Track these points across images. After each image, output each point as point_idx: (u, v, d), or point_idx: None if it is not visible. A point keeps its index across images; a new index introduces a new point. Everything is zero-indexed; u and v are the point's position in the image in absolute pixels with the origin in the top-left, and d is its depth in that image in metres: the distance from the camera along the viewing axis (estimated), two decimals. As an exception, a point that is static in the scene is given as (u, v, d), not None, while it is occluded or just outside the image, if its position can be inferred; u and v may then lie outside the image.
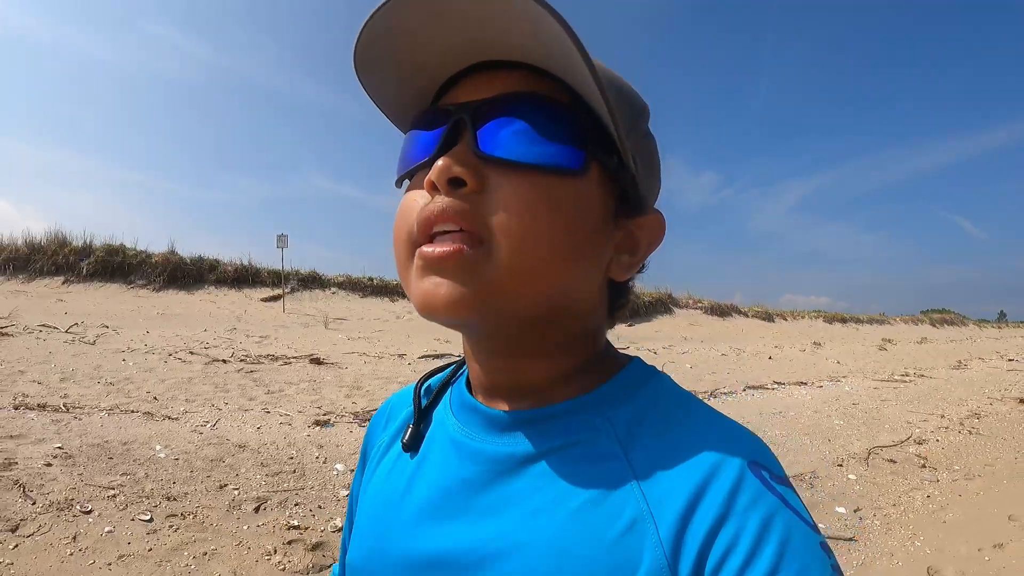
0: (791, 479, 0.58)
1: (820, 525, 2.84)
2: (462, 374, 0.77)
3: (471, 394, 0.71)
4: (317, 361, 9.86)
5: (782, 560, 0.47)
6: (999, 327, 42.98)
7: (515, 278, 0.56)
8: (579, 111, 0.59)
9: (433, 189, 0.57)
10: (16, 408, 5.84)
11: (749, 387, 10.29)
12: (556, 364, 0.65)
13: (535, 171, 0.57)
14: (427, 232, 0.58)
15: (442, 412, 0.74)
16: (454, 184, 0.56)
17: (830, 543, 2.47)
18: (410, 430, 0.74)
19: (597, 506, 0.56)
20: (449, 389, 0.78)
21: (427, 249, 0.57)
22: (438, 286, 0.56)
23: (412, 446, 0.72)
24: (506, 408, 0.66)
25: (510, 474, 0.61)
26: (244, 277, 18.87)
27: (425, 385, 0.82)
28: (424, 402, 0.78)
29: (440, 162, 0.56)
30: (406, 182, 0.65)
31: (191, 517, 3.84)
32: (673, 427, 0.60)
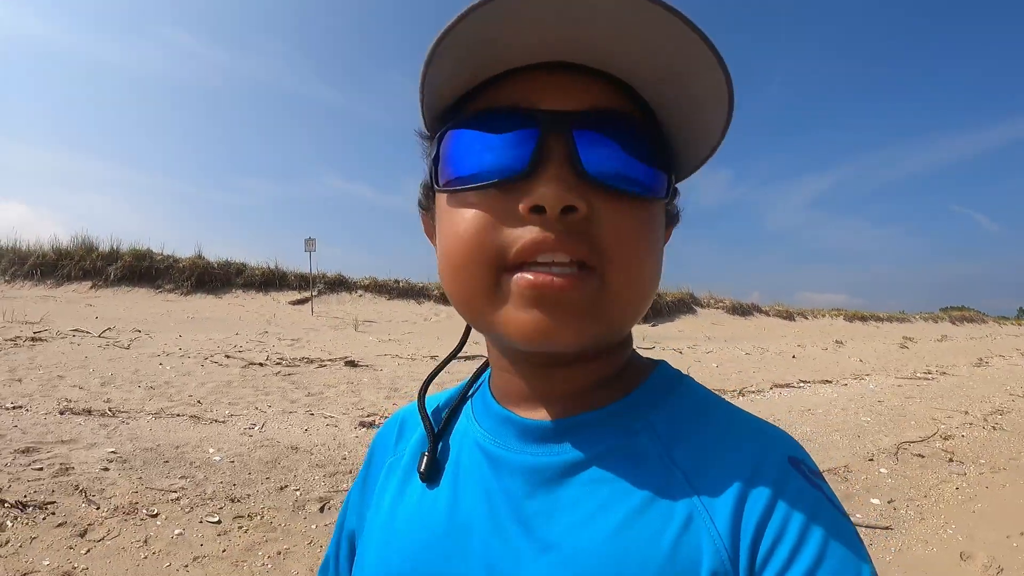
0: (825, 473, 0.60)
1: (856, 515, 3.29)
2: (481, 383, 0.77)
3: (498, 403, 0.71)
4: (352, 363, 9.87)
5: (827, 547, 0.51)
6: (1019, 323, 42.50)
7: (626, 307, 0.59)
8: (661, 134, 0.61)
9: (536, 212, 0.54)
10: (62, 413, 5.87)
11: (776, 385, 10.34)
12: (595, 371, 0.66)
13: (636, 198, 0.58)
14: (528, 259, 0.55)
15: (464, 424, 0.74)
16: (565, 211, 0.54)
17: (868, 531, 3.32)
18: (426, 459, 0.71)
19: (650, 506, 0.57)
20: (468, 400, 0.77)
21: (539, 279, 0.55)
22: (560, 320, 0.55)
23: (431, 476, 0.70)
24: (540, 417, 0.66)
25: (555, 483, 0.61)
26: (271, 280, 18.96)
27: (434, 405, 0.81)
28: (439, 416, 0.78)
29: (552, 190, 0.53)
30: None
31: (258, 518, 3.84)
32: (709, 426, 0.62)
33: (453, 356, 0.82)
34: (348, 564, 0.80)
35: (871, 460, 5.79)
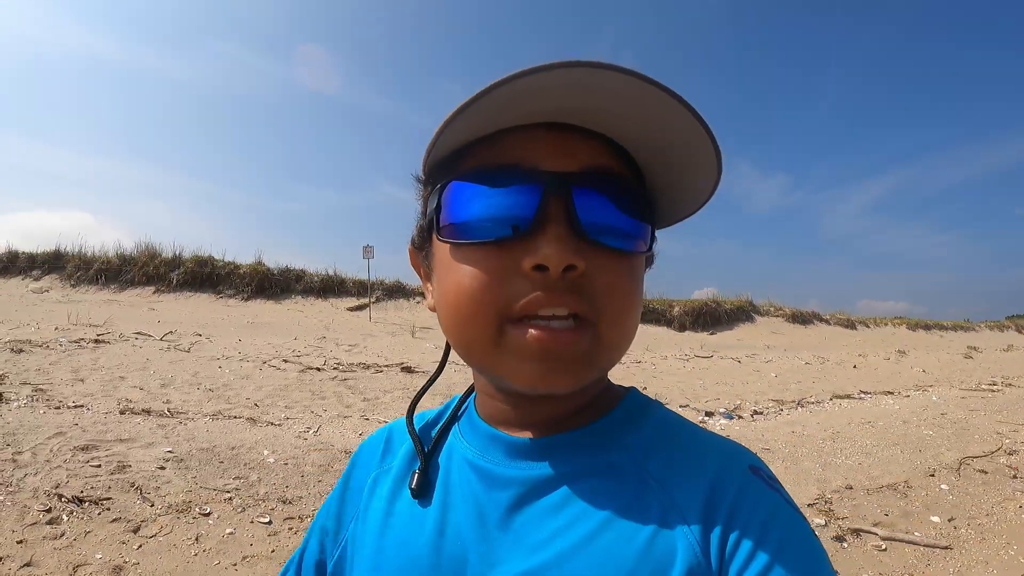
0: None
1: (916, 533, 3.19)
2: (467, 407, 0.82)
3: (485, 423, 0.76)
4: (408, 369, 9.92)
5: (786, 541, 0.57)
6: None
7: (614, 353, 0.65)
8: (646, 190, 0.68)
9: (539, 270, 0.59)
10: (122, 413, 6.02)
11: (836, 396, 10.04)
12: (575, 400, 0.71)
13: (625, 254, 0.63)
14: (532, 312, 0.60)
15: (453, 443, 0.78)
16: (566, 269, 0.58)
17: (926, 551, 3.11)
18: (417, 477, 0.75)
19: (628, 510, 0.62)
20: (456, 422, 0.82)
21: (544, 335, 0.59)
22: (561, 371, 0.61)
23: (422, 493, 0.74)
24: (525, 436, 0.71)
25: (540, 494, 0.66)
26: (330, 287, 19.28)
27: (421, 424, 0.85)
28: (427, 435, 0.82)
29: (555, 250, 0.58)
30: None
31: (308, 520, 3.84)
32: (679, 443, 0.69)
33: (433, 380, 0.91)
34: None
35: (932, 476, 5.54)
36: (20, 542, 3.30)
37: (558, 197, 0.60)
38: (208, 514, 3.80)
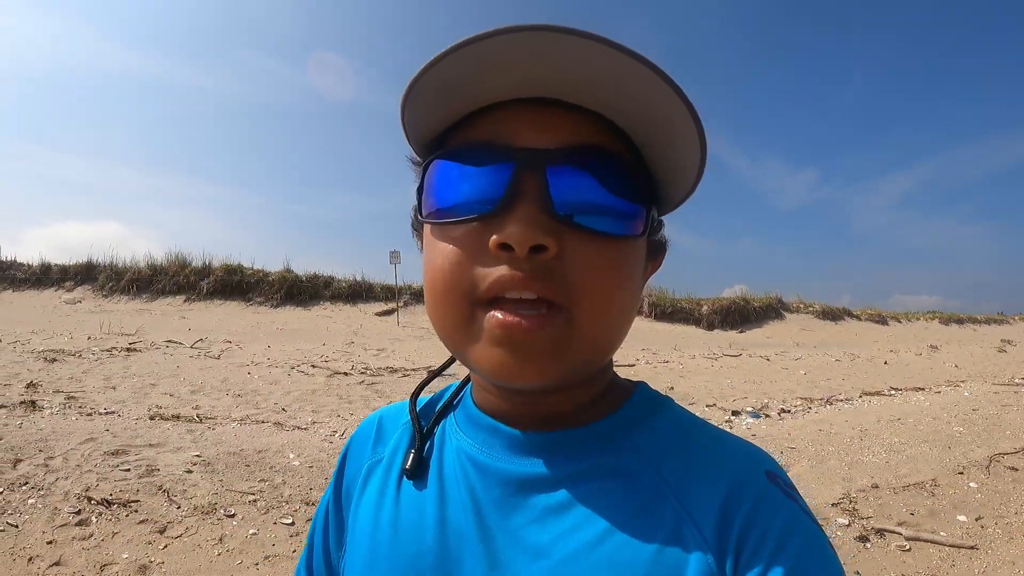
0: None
1: (941, 533, 3.20)
2: (463, 396, 0.78)
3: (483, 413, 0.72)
4: (435, 373, 9.97)
5: (803, 552, 0.55)
6: None
7: (595, 346, 0.61)
8: (641, 170, 0.62)
9: (505, 249, 0.56)
10: (152, 419, 6.18)
11: (866, 393, 9.91)
12: (573, 397, 0.68)
13: (609, 237, 0.59)
14: (497, 294, 0.57)
15: (447, 431, 0.75)
16: (534, 249, 0.55)
17: (951, 551, 3.15)
18: (413, 456, 0.73)
19: (638, 515, 0.59)
20: (451, 411, 0.78)
21: (508, 319, 0.56)
22: (524, 360, 0.57)
23: (417, 474, 0.72)
24: (526, 430, 0.67)
25: (542, 492, 0.64)
26: (358, 292, 19.49)
27: (420, 405, 0.82)
28: (425, 419, 0.79)
29: (520, 228, 0.55)
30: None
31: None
32: (692, 445, 0.65)
33: (447, 365, 0.85)
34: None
35: (961, 473, 5.47)
36: (50, 542, 3.43)
37: (531, 174, 0.56)
38: (233, 515, 3.91)
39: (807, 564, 0.54)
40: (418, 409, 0.81)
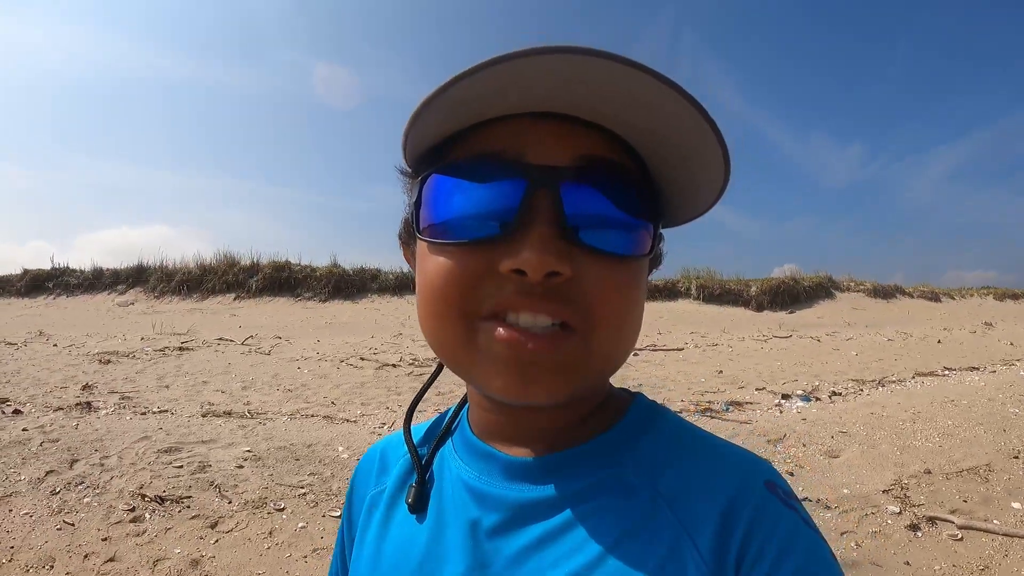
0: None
1: (994, 521, 3.13)
2: (460, 420, 0.78)
3: (479, 439, 0.72)
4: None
5: (803, 563, 0.54)
6: None
7: (607, 363, 0.61)
8: (647, 185, 0.62)
9: (518, 273, 0.55)
10: (204, 416, 6.32)
11: (919, 374, 9.58)
12: (575, 411, 0.67)
13: (621, 258, 0.58)
14: (502, 313, 0.56)
15: (446, 459, 0.75)
16: (548, 274, 0.54)
17: (1005, 540, 3.62)
18: (414, 490, 0.72)
19: (635, 535, 0.59)
20: (449, 436, 0.78)
21: (513, 335, 0.55)
22: (532, 378, 0.56)
23: (418, 507, 0.72)
24: (523, 454, 0.67)
25: (540, 518, 0.63)
26: (405, 284, 19.64)
27: (417, 437, 0.81)
28: (422, 449, 0.79)
29: (536, 255, 0.53)
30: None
31: (380, 513, 3.95)
32: (689, 456, 0.64)
33: (427, 387, 0.87)
34: None
35: (1016, 458, 5.24)
36: (105, 539, 3.53)
37: (545, 193, 0.55)
38: (282, 509, 3.98)
39: (809, 575, 0.54)
40: (421, 435, 0.81)
